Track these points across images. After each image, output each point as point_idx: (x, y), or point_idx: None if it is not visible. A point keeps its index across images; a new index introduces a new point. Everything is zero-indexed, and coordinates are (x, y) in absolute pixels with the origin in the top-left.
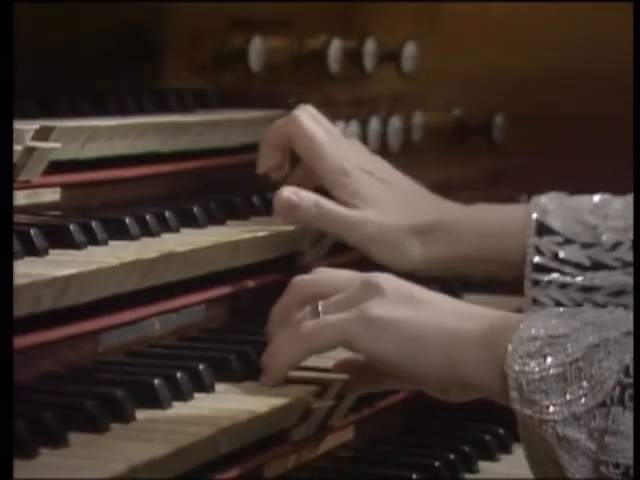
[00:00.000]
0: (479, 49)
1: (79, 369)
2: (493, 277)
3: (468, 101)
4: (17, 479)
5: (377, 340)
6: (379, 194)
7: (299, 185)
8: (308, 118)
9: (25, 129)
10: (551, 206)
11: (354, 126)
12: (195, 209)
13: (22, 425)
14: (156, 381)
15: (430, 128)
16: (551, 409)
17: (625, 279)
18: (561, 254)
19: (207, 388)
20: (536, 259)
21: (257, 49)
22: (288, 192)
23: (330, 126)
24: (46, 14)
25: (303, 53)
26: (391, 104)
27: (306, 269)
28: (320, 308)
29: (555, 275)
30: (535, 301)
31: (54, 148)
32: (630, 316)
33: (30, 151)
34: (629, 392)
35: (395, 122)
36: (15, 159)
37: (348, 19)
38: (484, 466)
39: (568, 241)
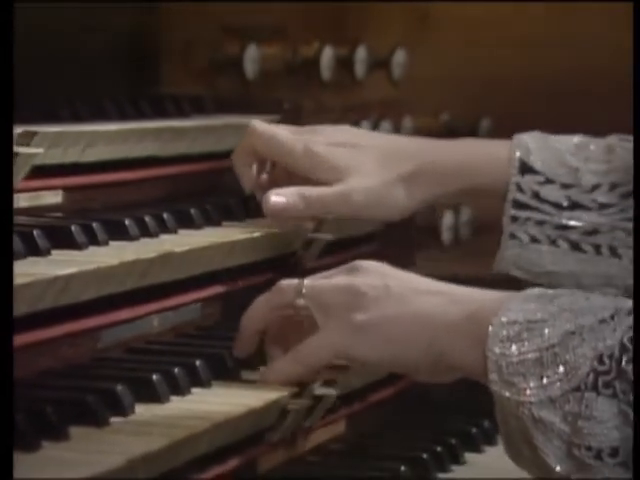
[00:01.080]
0: (466, 56)
1: (80, 365)
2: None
3: (456, 106)
4: (19, 472)
5: (367, 345)
6: (355, 160)
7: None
8: (264, 124)
9: None
10: (533, 145)
11: None
12: (192, 211)
13: (25, 419)
14: (154, 376)
15: (419, 132)
16: (528, 391)
17: (600, 220)
18: (541, 193)
19: (203, 383)
20: (516, 196)
21: (252, 56)
22: (273, 195)
23: (287, 127)
24: (50, 21)
25: (296, 60)
26: (381, 109)
27: (299, 269)
28: (304, 291)
29: (533, 212)
30: (512, 236)
31: (37, 153)
32: (606, 302)
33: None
34: (602, 379)
35: (385, 127)
36: None
37: (340, 27)
38: (470, 457)
39: (549, 181)
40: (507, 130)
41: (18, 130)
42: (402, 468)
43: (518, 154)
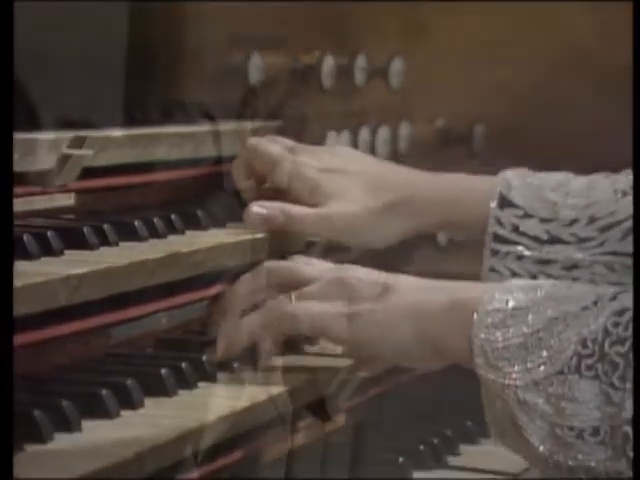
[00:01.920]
0: (462, 65)
1: (92, 361)
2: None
3: (451, 113)
4: (34, 462)
5: (359, 335)
6: (342, 187)
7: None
8: (262, 140)
9: (60, 138)
10: (515, 181)
11: (345, 136)
12: (199, 212)
13: (39, 412)
14: (163, 371)
15: (415, 138)
16: (513, 375)
17: (579, 255)
18: (520, 227)
19: (210, 377)
20: (496, 230)
21: (256, 64)
22: (255, 206)
23: (287, 141)
24: (56, 25)
25: (298, 68)
26: (380, 116)
27: None
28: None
29: (513, 246)
30: (492, 270)
31: (87, 155)
32: (588, 289)
33: (65, 158)
34: (585, 362)
35: (383, 132)
36: (52, 166)
37: (340, 37)
38: (465, 449)
39: (528, 215)
40: (501, 137)
41: (69, 134)
42: (400, 459)
43: (499, 189)
